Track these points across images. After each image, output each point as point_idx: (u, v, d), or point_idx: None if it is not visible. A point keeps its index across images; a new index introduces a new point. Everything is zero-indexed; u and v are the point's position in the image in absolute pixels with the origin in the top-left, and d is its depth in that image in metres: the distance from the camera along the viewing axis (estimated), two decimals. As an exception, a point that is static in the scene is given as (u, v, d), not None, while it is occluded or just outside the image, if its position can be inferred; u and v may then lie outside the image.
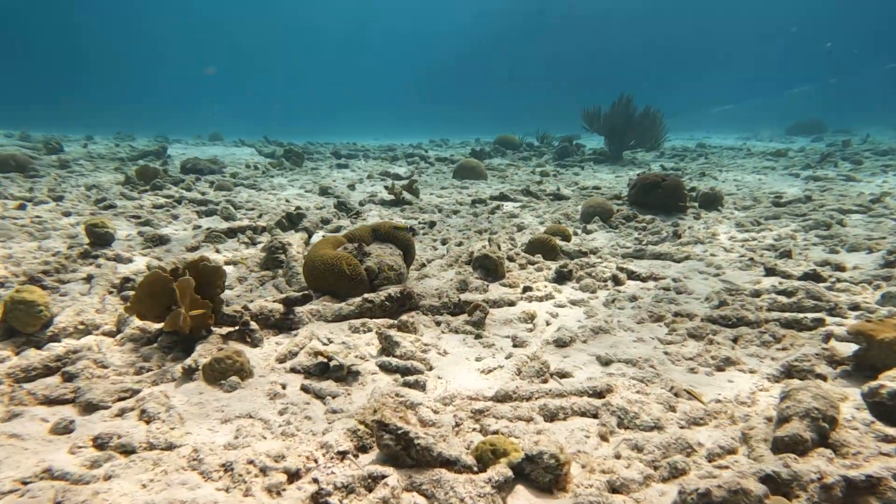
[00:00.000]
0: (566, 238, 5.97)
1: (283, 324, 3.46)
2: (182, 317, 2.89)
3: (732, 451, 2.51)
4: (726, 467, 2.41)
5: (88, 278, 4.15)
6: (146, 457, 2.21)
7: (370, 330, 3.57)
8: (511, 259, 5.31)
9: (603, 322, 3.78)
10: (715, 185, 10.37)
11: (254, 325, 3.22)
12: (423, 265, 5.25)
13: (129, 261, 4.76)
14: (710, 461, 2.44)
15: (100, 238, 4.68)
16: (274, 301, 3.51)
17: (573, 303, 4.36)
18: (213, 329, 3.23)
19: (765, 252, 5.75)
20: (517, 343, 3.50)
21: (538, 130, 21.15)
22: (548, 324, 3.92)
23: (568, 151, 16.00)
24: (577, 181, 11.42)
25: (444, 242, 6.12)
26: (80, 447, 2.31)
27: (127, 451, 2.29)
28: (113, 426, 2.47)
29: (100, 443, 2.33)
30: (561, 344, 3.47)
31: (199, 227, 6.25)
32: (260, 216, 7.00)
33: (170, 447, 2.31)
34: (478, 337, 3.57)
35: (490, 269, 4.77)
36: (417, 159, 14.67)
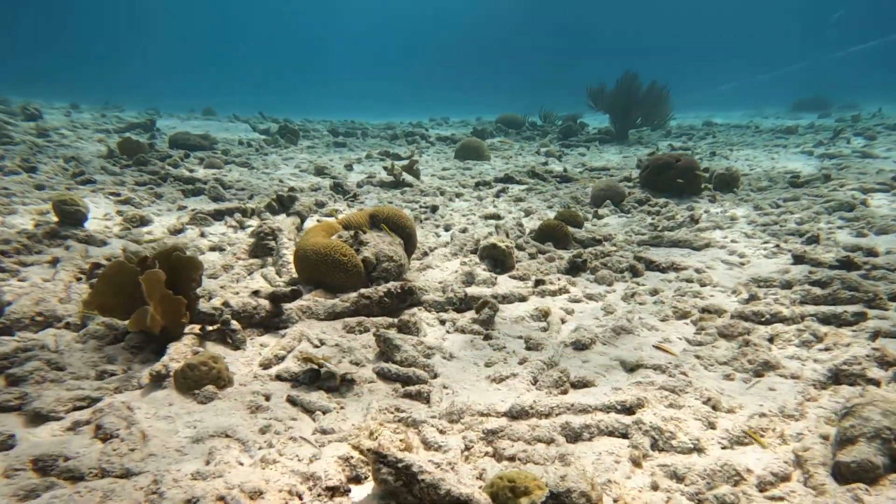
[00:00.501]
0: (578, 224, 5.58)
1: (270, 322, 3.09)
2: (149, 315, 2.51)
3: (786, 479, 2.16)
4: (782, 499, 2.07)
5: (54, 262, 3.76)
6: (95, 487, 1.85)
7: (367, 330, 3.20)
8: (520, 248, 4.92)
9: (624, 320, 3.42)
10: (727, 164, 9.95)
11: (235, 324, 2.84)
12: (426, 253, 4.87)
13: (103, 243, 4.36)
14: (761, 491, 2.10)
15: (69, 216, 4.27)
16: (258, 294, 3.13)
17: (589, 297, 3.99)
18: (190, 327, 2.85)
19: (789, 237, 5.37)
20: (531, 345, 3.14)
21: (541, 109, 20.60)
22: (563, 321, 3.55)
23: (572, 131, 15.50)
24: (584, 162, 10.98)
25: (447, 228, 5.72)
26: (17, 470, 1.95)
27: (74, 477, 1.93)
28: (61, 444, 2.11)
29: (41, 465, 1.97)
30: (580, 346, 3.11)
31: (185, 207, 5.84)
32: (251, 197, 6.58)
33: (126, 474, 1.96)
34: (487, 338, 3.21)
35: (498, 259, 4.39)
36: (418, 138, 14.17)
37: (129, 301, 2.58)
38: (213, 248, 4.63)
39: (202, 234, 4.97)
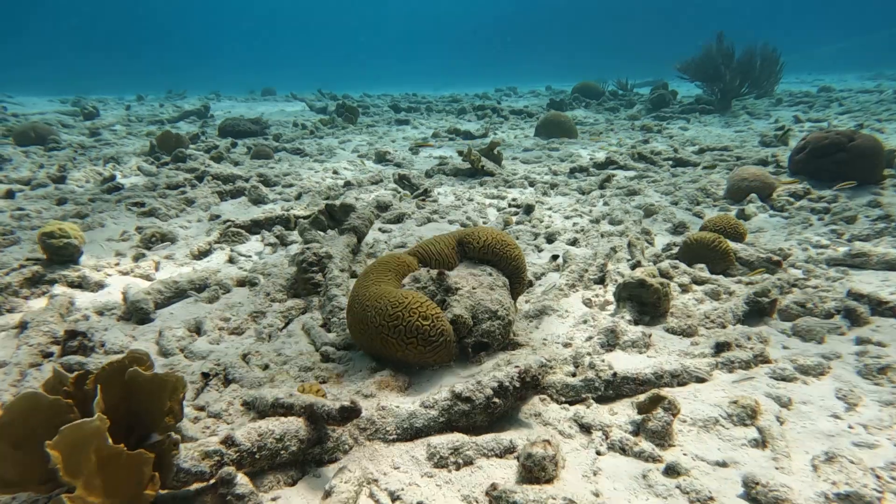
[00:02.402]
0: (738, 236, 3.98)
1: (308, 456, 1.83)
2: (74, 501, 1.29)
3: None
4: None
5: (22, 327, 2.66)
6: None
7: (469, 462, 1.88)
8: (665, 275, 3.43)
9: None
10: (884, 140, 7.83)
11: (243, 480, 1.59)
12: (531, 283, 3.49)
13: (99, 286, 3.26)
14: None
15: (58, 253, 3.20)
16: (291, 408, 1.86)
17: (803, 370, 2.48)
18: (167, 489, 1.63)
19: None
20: (750, 488, 1.70)
21: (619, 78, 18.46)
22: (780, 422, 2.08)
23: (664, 101, 13.42)
24: (691, 138, 9.10)
25: (550, 239, 4.29)
26: None
27: None
28: None
29: None
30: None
31: (218, 216, 4.71)
32: (299, 197, 5.39)
33: None
34: (670, 472, 1.81)
35: (648, 303, 2.94)
36: (489, 112, 12.62)
37: (42, 466, 1.37)
38: (241, 283, 3.43)
39: (231, 260, 3.80)
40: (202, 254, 3.95)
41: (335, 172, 6.42)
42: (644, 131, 9.92)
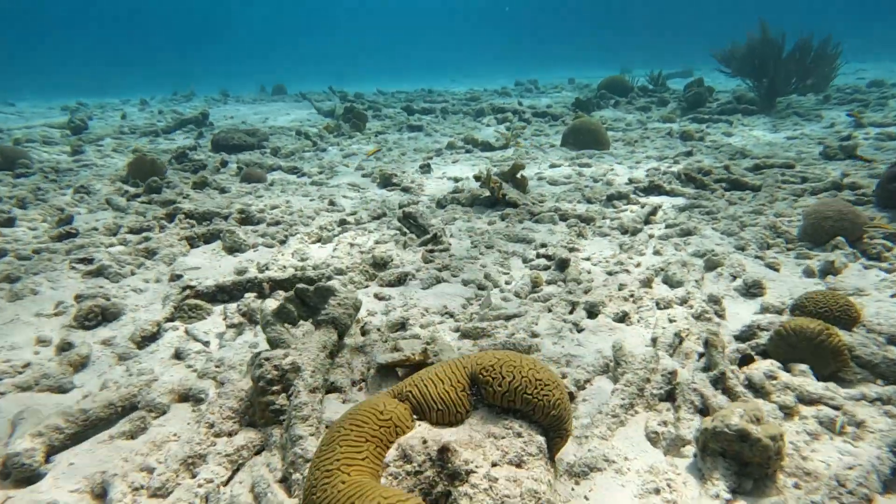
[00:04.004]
0: (848, 320, 2.98)
1: None
2: None
3: None
4: None
5: None
6: None
7: None
8: (760, 389, 2.47)
9: None
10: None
11: None
12: (571, 395, 2.57)
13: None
14: None
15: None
16: None
17: None
18: None
19: None
20: None
21: (649, 70, 17.21)
22: None
23: (701, 99, 12.24)
24: (739, 148, 8.00)
25: (592, 313, 3.34)
26: None
27: None
28: None
29: None
30: None
31: (180, 276, 3.85)
32: (284, 241, 4.52)
33: None
34: None
35: (750, 462, 2.00)
36: (509, 115, 11.60)
37: None
38: (183, 397, 2.57)
39: (178, 354, 2.94)
40: (147, 339, 3.11)
41: (332, 203, 5.52)
42: (683, 139, 8.84)
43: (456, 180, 6.49)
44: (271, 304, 2.84)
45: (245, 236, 4.43)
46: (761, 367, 2.62)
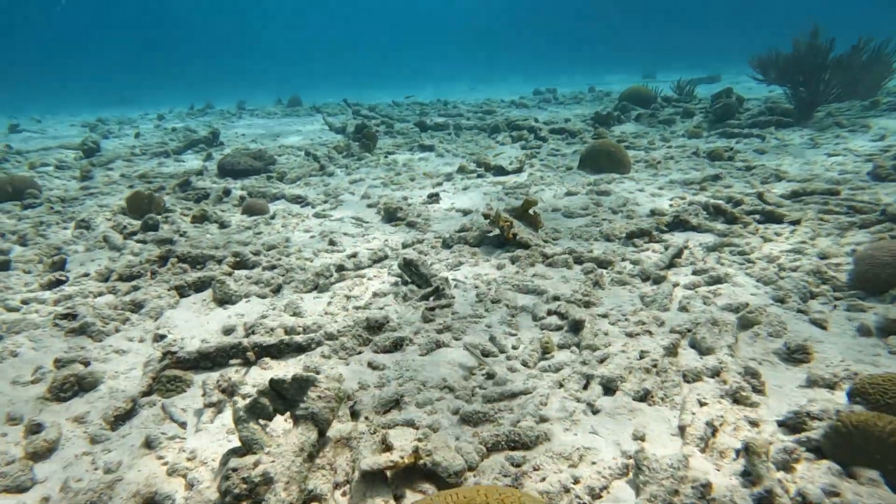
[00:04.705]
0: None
1: None
2: None
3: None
4: None
5: None
6: None
7: None
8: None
9: None
10: None
11: None
12: (578, 498, 2.21)
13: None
14: None
15: None
16: None
17: None
18: None
19: None
20: None
21: (677, 80, 16.73)
22: None
23: (730, 111, 11.68)
24: (774, 169, 7.49)
25: (608, 388, 2.96)
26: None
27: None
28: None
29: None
30: None
31: (164, 336, 3.59)
32: (278, 290, 4.24)
33: None
34: None
35: None
36: (525, 133, 11.23)
37: None
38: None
39: (148, 443, 2.65)
40: (121, 418, 2.84)
41: (332, 243, 5.23)
42: (711, 159, 8.35)
43: (465, 213, 6.15)
44: (248, 393, 2.54)
45: (237, 286, 4.16)
46: (817, 475, 2.23)
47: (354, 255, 4.93)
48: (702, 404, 2.80)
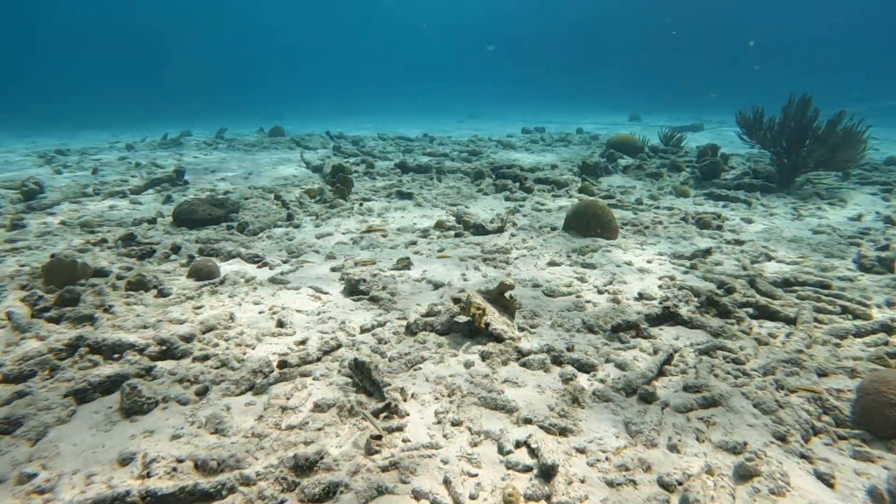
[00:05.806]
0: None
1: None
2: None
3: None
4: None
5: None
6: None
7: None
8: None
9: None
10: None
11: None
12: None
13: None
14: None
15: None
16: None
17: None
18: None
19: None
20: None
21: (664, 129, 16.65)
22: None
23: (716, 169, 11.45)
24: (762, 246, 7.12)
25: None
26: None
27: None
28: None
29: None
30: None
31: (34, 474, 2.92)
32: (205, 391, 3.60)
33: None
34: None
35: None
36: (509, 182, 10.82)
37: None
38: None
39: None
40: None
41: (280, 324, 4.63)
42: (700, 226, 7.97)
43: (436, 286, 5.60)
44: None
45: (152, 390, 3.51)
46: None
47: (303, 343, 4.33)
48: None
